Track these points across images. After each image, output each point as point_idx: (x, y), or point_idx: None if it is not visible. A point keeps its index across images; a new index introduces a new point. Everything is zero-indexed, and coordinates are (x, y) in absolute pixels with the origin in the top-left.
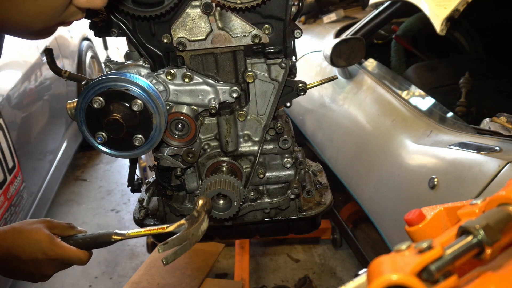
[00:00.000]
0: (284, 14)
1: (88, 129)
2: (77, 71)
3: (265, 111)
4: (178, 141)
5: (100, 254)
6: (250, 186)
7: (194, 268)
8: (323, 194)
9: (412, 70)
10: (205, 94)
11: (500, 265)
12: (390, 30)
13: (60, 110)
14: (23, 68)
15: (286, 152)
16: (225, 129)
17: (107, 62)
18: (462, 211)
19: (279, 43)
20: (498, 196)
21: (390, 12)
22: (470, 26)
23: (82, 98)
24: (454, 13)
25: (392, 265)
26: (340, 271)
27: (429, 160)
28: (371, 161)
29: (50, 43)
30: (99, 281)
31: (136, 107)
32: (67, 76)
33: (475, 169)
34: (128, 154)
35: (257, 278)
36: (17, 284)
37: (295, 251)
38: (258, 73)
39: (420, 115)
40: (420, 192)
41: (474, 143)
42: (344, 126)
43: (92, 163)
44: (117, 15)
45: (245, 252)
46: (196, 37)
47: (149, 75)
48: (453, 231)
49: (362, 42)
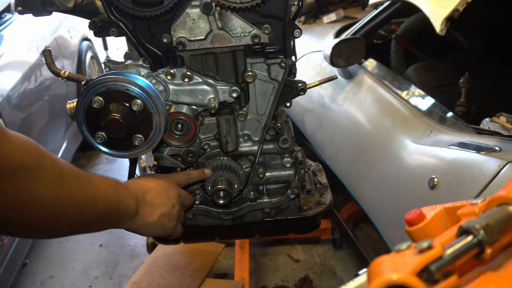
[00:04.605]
0: (283, 14)
1: (88, 129)
2: (77, 71)
3: (265, 111)
4: (178, 141)
5: (100, 254)
6: (250, 186)
7: (194, 268)
8: (323, 194)
9: (412, 70)
10: (204, 94)
11: (500, 265)
12: (390, 30)
13: (60, 110)
14: (23, 68)
15: (286, 152)
16: (225, 129)
17: (107, 62)
18: (462, 211)
19: (278, 43)
20: (498, 196)
21: (390, 12)
22: (470, 26)
23: (82, 98)
24: (454, 13)
25: (392, 265)
26: (340, 271)
27: (429, 160)
28: (371, 161)
29: (50, 43)
30: (99, 281)
31: (136, 107)
32: (66, 76)
33: (475, 169)
34: (128, 154)
35: (257, 278)
36: (17, 284)
37: (295, 251)
38: (258, 73)
39: (420, 115)
40: (420, 192)
41: (474, 143)
42: (344, 126)
43: (92, 163)
44: (117, 15)
45: (245, 252)
46: (196, 37)
47: (149, 75)
48: (453, 231)
49: (362, 42)
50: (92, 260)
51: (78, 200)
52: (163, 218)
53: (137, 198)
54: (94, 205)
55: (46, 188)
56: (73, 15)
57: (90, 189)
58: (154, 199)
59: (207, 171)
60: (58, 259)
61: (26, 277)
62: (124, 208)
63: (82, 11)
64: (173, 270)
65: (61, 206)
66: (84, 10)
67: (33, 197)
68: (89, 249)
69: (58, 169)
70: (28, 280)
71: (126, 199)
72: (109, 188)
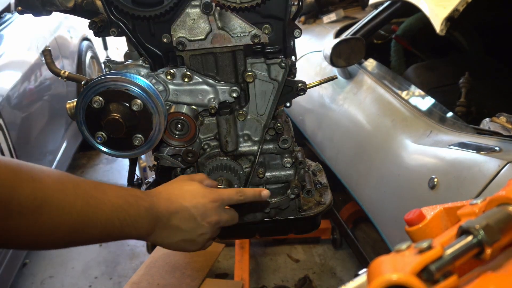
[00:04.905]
0: (283, 14)
1: (88, 129)
2: (76, 71)
3: (265, 111)
4: (178, 141)
5: (100, 254)
6: (250, 186)
7: (194, 268)
8: (323, 194)
9: (412, 70)
10: (204, 94)
11: (500, 265)
12: (390, 30)
13: (60, 110)
14: (23, 68)
15: (286, 152)
16: (225, 129)
17: (107, 62)
18: (462, 211)
19: (278, 43)
20: (498, 196)
21: (390, 12)
22: (470, 26)
23: (82, 98)
24: (454, 13)
25: (392, 265)
26: (340, 271)
27: (429, 160)
28: (371, 161)
29: (50, 43)
30: (99, 281)
31: (136, 107)
32: (66, 76)
33: (475, 169)
34: (128, 154)
35: (257, 278)
36: (17, 284)
37: (295, 251)
38: (258, 73)
39: (420, 115)
40: (420, 192)
41: (474, 143)
42: (344, 126)
43: (92, 164)
44: (117, 15)
45: (245, 252)
46: (196, 37)
47: (149, 75)
48: (453, 231)
49: (362, 42)
50: (92, 260)
51: (65, 227)
52: (184, 243)
53: (156, 221)
54: (86, 230)
55: (18, 221)
56: (73, 15)
57: (85, 214)
58: (181, 223)
59: (265, 193)
60: (58, 259)
61: (26, 277)
62: (131, 231)
63: (82, 11)
64: (173, 270)
65: (42, 234)
66: (84, 10)
67: (4, 230)
68: (89, 249)
69: (39, 199)
70: (28, 280)
71: (137, 223)
72: (115, 212)
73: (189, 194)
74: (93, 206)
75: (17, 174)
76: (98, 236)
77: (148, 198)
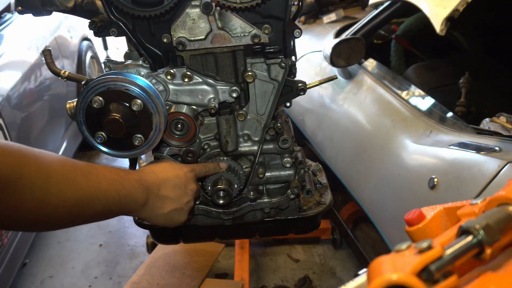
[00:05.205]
0: (283, 14)
1: (88, 129)
2: (77, 71)
3: (265, 111)
4: (178, 141)
5: (100, 254)
6: (250, 186)
7: (194, 268)
8: (323, 194)
9: (412, 70)
10: (204, 94)
11: (500, 265)
12: (390, 30)
13: (60, 110)
14: (23, 68)
15: (286, 152)
16: (225, 129)
17: (107, 62)
18: (462, 211)
19: (278, 43)
20: (498, 196)
21: (390, 12)
22: (470, 26)
23: (82, 98)
24: (454, 13)
25: (392, 265)
26: (340, 271)
27: (429, 160)
28: (371, 161)
29: (50, 43)
30: (99, 281)
31: (136, 106)
32: (66, 76)
33: (475, 169)
34: (128, 154)
35: (257, 278)
36: (17, 284)
37: (295, 251)
38: (258, 73)
39: (420, 115)
40: (420, 192)
41: (474, 143)
42: (344, 126)
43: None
44: (117, 14)
45: (245, 252)
46: (196, 37)
47: (149, 75)
48: (453, 231)
49: (362, 42)
50: (92, 260)
51: (71, 202)
52: (174, 212)
53: (148, 191)
54: (90, 204)
55: (29, 196)
56: (73, 15)
57: (86, 188)
58: (169, 192)
59: (222, 164)
60: (58, 259)
61: (26, 277)
62: (128, 202)
63: (82, 11)
64: (173, 270)
65: (50, 209)
66: (84, 10)
67: (16, 207)
68: (89, 249)
69: (45, 174)
70: (28, 280)
71: (132, 194)
72: (112, 184)
73: (169, 167)
74: (92, 181)
75: (22, 153)
76: (101, 210)
77: (135, 172)
